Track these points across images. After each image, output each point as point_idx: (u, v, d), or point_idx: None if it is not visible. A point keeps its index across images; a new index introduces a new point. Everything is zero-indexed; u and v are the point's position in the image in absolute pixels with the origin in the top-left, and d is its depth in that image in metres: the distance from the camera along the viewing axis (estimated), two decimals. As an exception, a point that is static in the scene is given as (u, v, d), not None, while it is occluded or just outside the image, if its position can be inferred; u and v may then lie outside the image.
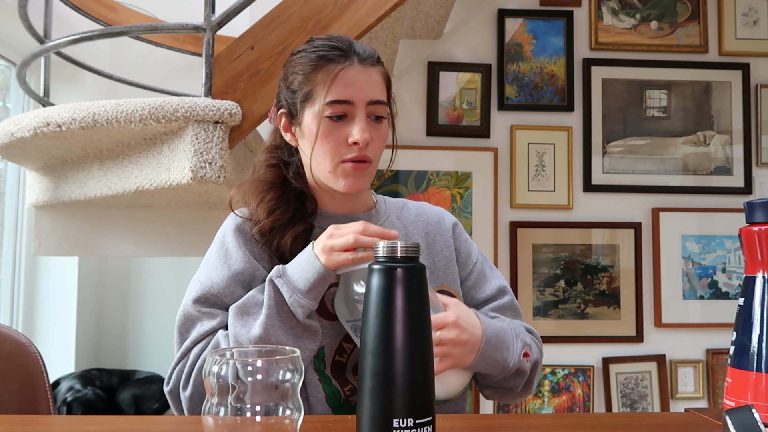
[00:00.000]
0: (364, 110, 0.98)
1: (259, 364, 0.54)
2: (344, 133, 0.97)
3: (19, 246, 2.46)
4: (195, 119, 1.53)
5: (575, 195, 2.53)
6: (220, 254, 1.01)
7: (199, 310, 0.98)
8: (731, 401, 0.76)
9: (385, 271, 0.69)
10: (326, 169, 0.99)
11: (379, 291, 0.68)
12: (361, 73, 0.98)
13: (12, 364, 1.06)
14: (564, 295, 2.50)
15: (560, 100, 2.54)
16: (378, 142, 1.00)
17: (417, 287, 0.69)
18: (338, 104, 0.97)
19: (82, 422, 0.83)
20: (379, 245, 0.70)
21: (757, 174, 2.59)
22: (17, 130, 1.65)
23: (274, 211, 1.00)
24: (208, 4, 1.58)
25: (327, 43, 1.00)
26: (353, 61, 0.98)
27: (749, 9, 2.62)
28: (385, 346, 0.67)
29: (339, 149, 0.98)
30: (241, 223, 1.03)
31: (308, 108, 0.99)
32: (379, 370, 0.66)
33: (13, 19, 1.99)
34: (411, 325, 0.68)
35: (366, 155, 0.98)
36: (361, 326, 0.70)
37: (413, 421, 0.66)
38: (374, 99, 0.99)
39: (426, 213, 1.14)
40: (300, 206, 1.03)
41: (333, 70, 0.97)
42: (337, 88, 0.97)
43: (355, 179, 0.99)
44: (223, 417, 0.54)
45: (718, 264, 2.55)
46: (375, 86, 1.00)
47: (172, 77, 2.52)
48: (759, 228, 0.76)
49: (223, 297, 0.98)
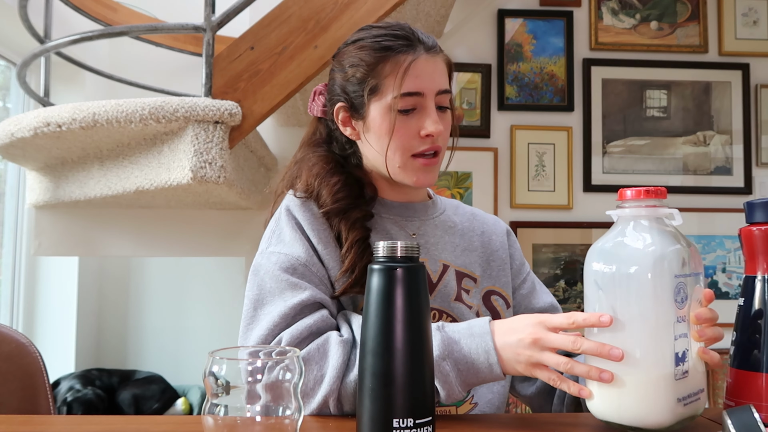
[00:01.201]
0: (434, 101, 0.95)
1: (259, 364, 0.54)
2: (415, 125, 0.95)
3: (19, 246, 2.46)
4: (195, 119, 1.53)
5: (575, 195, 2.53)
6: (293, 228, 0.95)
7: (285, 279, 0.90)
8: (731, 401, 0.76)
9: (384, 270, 0.69)
10: (396, 164, 0.97)
11: (379, 291, 0.68)
12: (429, 62, 0.95)
13: (12, 364, 1.06)
14: (564, 295, 2.50)
15: (560, 100, 2.54)
16: (446, 133, 0.98)
17: (417, 287, 0.69)
18: (411, 97, 0.94)
19: (82, 422, 0.83)
20: (379, 245, 0.70)
21: (757, 174, 2.59)
22: (17, 130, 1.65)
23: (337, 194, 0.96)
24: (208, 4, 1.58)
25: (390, 32, 0.96)
26: (420, 51, 0.95)
27: (749, 9, 2.62)
28: (385, 345, 0.67)
29: (411, 143, 0.95)
30: (306, 202, 0.98)
31: (375, 102, 0.95)
32: (379, 370, 0.66)
33: (13, 19, 1.99)
34: (411, 325, 0.68)
35: (438, 146, 0.97)
36: (361, 326, 0.70)
37: (413, 421, 0.66)
38: (443, 89, 0.96)
39: (481, 215, 1.13)
40: (360, 193, 0.99)
41: (402, 62, 0.93)
42: (409, 80, 0.93)
43: (426, 174, 0.97)
44: (223, 417, 0.54)
45: (718, 264, 2.55)
46: (442, 75, 0.97)
47: (172, 77, 2.52)
48: (759, 228, 0.76)
49: (310, 266, 0.92)
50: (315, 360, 0.84)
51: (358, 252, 0.93)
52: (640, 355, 0.72)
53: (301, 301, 0.88)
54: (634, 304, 0.72)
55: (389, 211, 1.02)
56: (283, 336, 0.85)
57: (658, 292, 0.71)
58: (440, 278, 1.00)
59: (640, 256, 0.73)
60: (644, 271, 0.72)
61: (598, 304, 0.75)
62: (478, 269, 1.05)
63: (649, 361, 0.72)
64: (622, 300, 0.73)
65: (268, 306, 0.89)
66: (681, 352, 0.72)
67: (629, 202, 0.77)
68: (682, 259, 0.73)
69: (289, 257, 0.92)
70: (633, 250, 0.74)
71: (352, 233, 0.94)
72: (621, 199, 0.78)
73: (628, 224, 0.76)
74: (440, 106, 0.97)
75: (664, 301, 0.71)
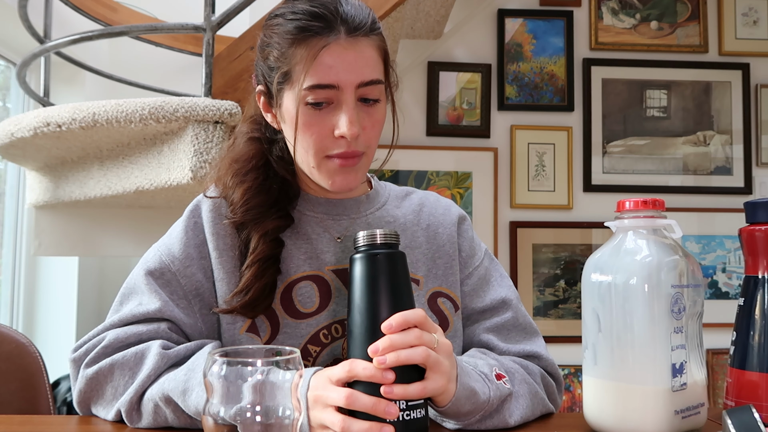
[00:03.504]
0: (353, 95, 0.80)
1: (259, 364, 0.54)
2: (329, 123, 0.81)
3: (19, 246, 2.46)
4: (195, 119, 1.53)
5: (575, 195, 2.53)
6: (187, 227, 0.88)
7: (147, 282, 0.84)
8: (731, 401, 0.76)
9: (366, 258, 0.71)
10: (309, 163, 0.84)
11: (362, 278, 0.70)
12: (348, 49, 0.79)
13: (12, 364, 1.06)
14: (564, 295, 2.50)
15: (560, 100, 2.54)
16: (371, 131, 0.84)
17: (398, 272, 0.72)
18: (320, 89, 0.79)
19: (82, 422, 0.83)
20: (359, 235, 0.72)
21: (757, 174, 2.59)
22: (17, 130, 1.65)
23: (250, 200, 0.85)
24: (208, 4, 1.58)
25: (308, 8, 0.80)
26: (339, 34, 0.79)
27: (749, 9, 2.62)
28: (372, 331, 0.69)
29: (323, 142, 0.82)
30: (217, 202, 0.88)
31: (287, 90, 0.82)
32: (368, 356, 0.68)
33: (13, 19, 1.99)
34: (396, 309, 0.69)
35: (355, 150, 0.82)
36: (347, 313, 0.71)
37: (405, 403, 0.67)
38: (365, 80, 0.80)
39: (431, 203, 0.98)
40: (279, 196, 0.88)
41: (314, 47, 0.79)
42: (319, 70, 0.79)
43: (345, 176, 0.84)
44: (223, 417, 0.54)
45: (718, 264, 2.55)
46: (366, 64, 0.81)
47: (172, 77, 2.52)
48: (759, 228, 0.76)
49: (180, 277, 0.85)
50: (128, 366, 0.80)
51: (258, 271, 0.82)
52: (636, 365, 0.72)
53: (146, 312, 0.82)
54: (631, 314, 0.72)
55: (314, 208, 0.91)
56: (108, 334, 0.82)
57: (654, 302, 0.72)
58: None
59: (637, 266, 0.73)
60: (641, 282, 0.72)
61: (596, 315, 0.76)
62: (422, 269, 0.91)
63: (646, 371, 0.72)
64: (619, 310, 0.73)
65: (128, 305, 0.85)
66: (678, 364, 0.72)
67: (627, 213, 0.77)
68: (679, 270, 0.73)
69: (162, 260, 0.86)
70: (630, 260, 0.74)
71: (260, 247, 0.83)
72: (619, 210, 0.78)
73: (626, 235, 0.77)
74: (366, 99, 0.82)
75: (660, 312, 0.72)
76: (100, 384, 0.81)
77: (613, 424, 0.73)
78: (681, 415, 0.72)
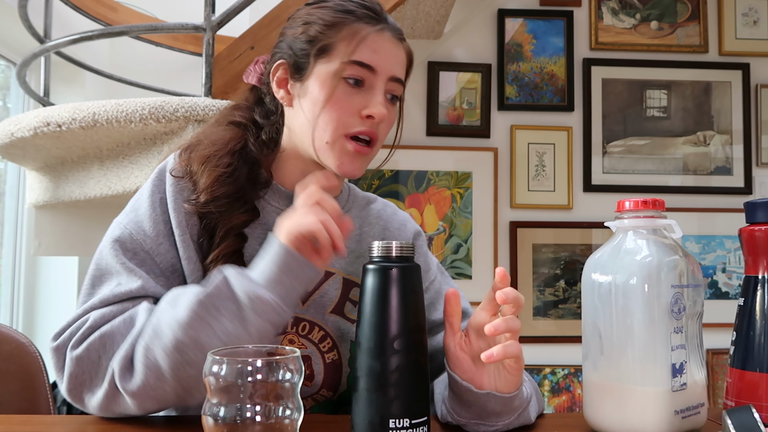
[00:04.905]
0: (385, 85, 0.86)
1: (259, 364, 0.54)
2: (358, 102, 0.85)
3: (19, 246, 2.46)
4: (195, 119, 1.53)
5: (575, 195, 2.53)
6: (154, 203, 0.85)
7: (122, 261, 0.81)
8: (731, 401, 0.76)
9: (380, 270, 0.69)
10: (324, 138, 0.85)
11: (374, 291, 0.68)
12: (392, 44, 0.87)
13: (12, 364, 1.06)
14: (564, 295, 2.50)
15: (560, 100, 2.54)
16: (388, 125, 0.89)
17: (412, 287, 0.70)
18: (362, 67, 0.84)
19: (82, 422, 0.83)
20: (374, 245, 0.71)
21: (757, 174, 2.59)
22: (17, 130, 1.65)
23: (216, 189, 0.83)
24: (208, 4, 1.58)
25: (358, 1, 0.88)
26: (385, 29, 0.87)
27: (749, 9, 2.62)
28: (381, 346, 0.67)
29: (348, 120, 0.85)
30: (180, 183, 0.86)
31: (322, 63, 0.86)
32: (375, 371, 0.66)
33: (13, 19, 1.99)
34: (406, 325, 0.68)
35: (376, 133, 0.86)
36: (356, 327, 0.70)
37: (409, 421, 0.66)
38: (398, 75, 0.88)
39: (388, 215, 1.01)
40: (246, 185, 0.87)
41: (362, 30, 0.85)
42: (365, 50, 0.84)
43: (353, 162, 0.86)
44: (223, 417, 0.54)
45: (718, 264, 2.55)
46: (401, 62, 0.89)
47: (172, 77, 2.52)
48: (759, 228, 0.76)
49: (154, 255, 0.82)
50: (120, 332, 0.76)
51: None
52: (636, 365, 0.72)
53: (129, 290, 0.79)
54: (631, 314, 0.72)
55: (280, 201, 0.90)
56: (92, 315, 0.78)
57: (654, 302, 0.72)
58: (318, 286, 0.89)
59: (637, 266, 0.73)
60: (641, 282, 0.72)
61: (596, 314, 0.76)
62: None
63: (646, 372, 0.72)
64: (619, 310, 0.73)
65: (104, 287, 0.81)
66: (678, 364, 0.72)
67: (627, 213, 0.77)
68: (679, 270, 0.73)
69: (133, 237, 0.83)
70: (630, 261, 0.74)
71: (225, 242, 0.83)
72: (619, 210, 0.78)
73: (626, 235, 0.77)
74: (390, 95, 0.88)
75: (660, 312, 0.72)
76: (92, 361, 0.76)
77: (613, 424, 0.73)
78: (681, 415, 0.72)
